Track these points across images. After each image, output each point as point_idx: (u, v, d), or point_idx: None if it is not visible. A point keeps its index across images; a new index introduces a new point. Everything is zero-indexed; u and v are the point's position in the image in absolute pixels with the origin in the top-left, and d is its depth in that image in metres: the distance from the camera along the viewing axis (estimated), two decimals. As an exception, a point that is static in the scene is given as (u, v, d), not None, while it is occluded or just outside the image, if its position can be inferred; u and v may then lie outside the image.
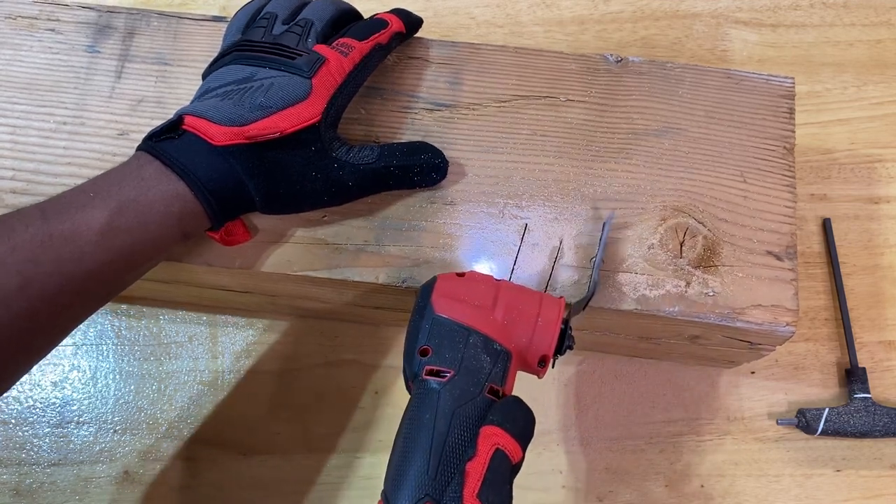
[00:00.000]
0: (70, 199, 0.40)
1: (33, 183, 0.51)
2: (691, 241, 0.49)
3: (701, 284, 0.48)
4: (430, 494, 0.35)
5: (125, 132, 0.53)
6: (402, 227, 0.50)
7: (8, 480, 0.58)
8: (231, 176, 0.43)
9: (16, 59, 0.56)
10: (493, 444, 0.36)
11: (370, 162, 0.47)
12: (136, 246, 0.41)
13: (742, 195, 0.51)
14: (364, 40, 0.49)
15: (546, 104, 0.54)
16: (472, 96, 0.54)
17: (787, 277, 0.49)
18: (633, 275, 0.48)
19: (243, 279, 0.52)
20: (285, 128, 0.44)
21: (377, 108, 0.53)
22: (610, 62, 0.55)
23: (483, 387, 0.38)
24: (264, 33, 0.48)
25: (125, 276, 0.43)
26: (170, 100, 0.54)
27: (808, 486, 0.58)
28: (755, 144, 0.53)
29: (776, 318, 0.48)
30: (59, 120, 0.54)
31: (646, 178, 0.51)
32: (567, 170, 0.52)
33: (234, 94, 0.45)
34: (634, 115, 0.53)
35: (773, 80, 0.55)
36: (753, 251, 0.49)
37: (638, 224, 0.50)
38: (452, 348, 0.39)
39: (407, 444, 0.37)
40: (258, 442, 0.59)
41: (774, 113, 0.54)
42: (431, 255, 0.49)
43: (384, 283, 0.49)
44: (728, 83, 0.55)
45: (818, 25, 0.73)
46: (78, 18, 0.57)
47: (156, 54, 0.56)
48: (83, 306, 0.42)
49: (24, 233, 0.38)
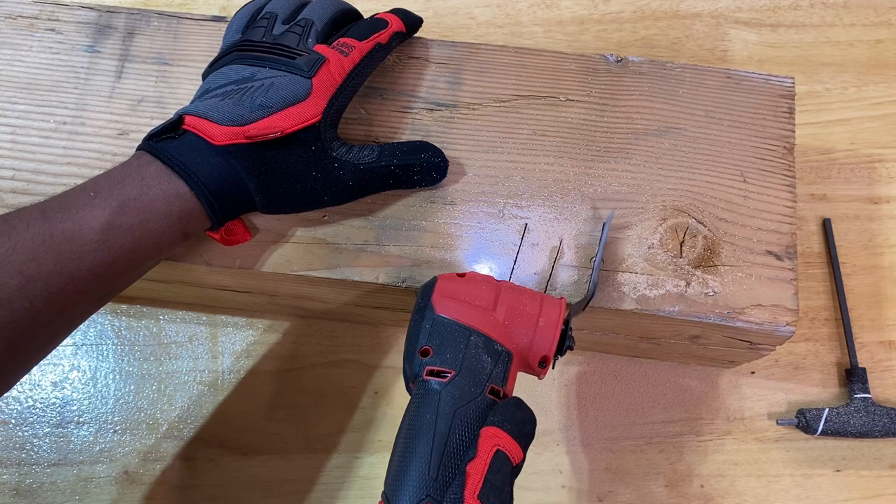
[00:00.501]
0: (71, 199, 0.40)
1: (33, 183, 0.51)
2: (691, 241, 0.49)
3: (701, 284, 0.48)
4: (430, 495, 0.35)
5: (125, 132, 0.53)
6: (402, 227, 0.50)
7: (8, 480, 0.58)
8: (231, 176, 0.43)
9: (16, 58, 0.56)
10: (493, 444, 0.36)
11: (370, 161, 0.47)
12: (136, 245, 0.41)
13: (742, 195, 0.51)
14: (364, 40, 0.49)
15: (546, 104, 0.54)
16: (472, 96, 0.54)
17: (787, 277, 0.49)
18: (633, 275, 0.48)
19: (243, 279, 0.52)
20: (285, 127, 0.44)
21: (377, 107, 0.53)
22: (610, 62, 0.55)
23: (484, 387, 0.38)
24: (264, 33, 0.48)
25: (126, 275, 0.43)
26: (170, 100, 0.54)
27: (808, 486, 0.58)
28: (755, 144, 0.53)
29: (776, 317, 0.48)
30: (59, 120, 0.54)
31: (646, 177, 0.51)
32: (567, 170, 0.52)
33: (234, 93, 0.45)
34: (634, 115, 0.53)
35: (773, 79, 0.55)
36: (753, 251, 0.49)
37: (638, 224, 0.50)
38: (453, 349, 0.39)
39: (407, 445, 0.37)
40: (258, 442, 0.59)
41: (774, 113, 0.54)
42: (431, 255, 0.49)
43: (384, 283, 0.48)
44: (728, 83, 0.55)
45: (818, 25, 0.73)
46: (78, 18, 0.57)
47: (156, 54, 0.56)
48: (84, 305, 0.42)
49: (25, 232, 0.38)
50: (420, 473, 0.36)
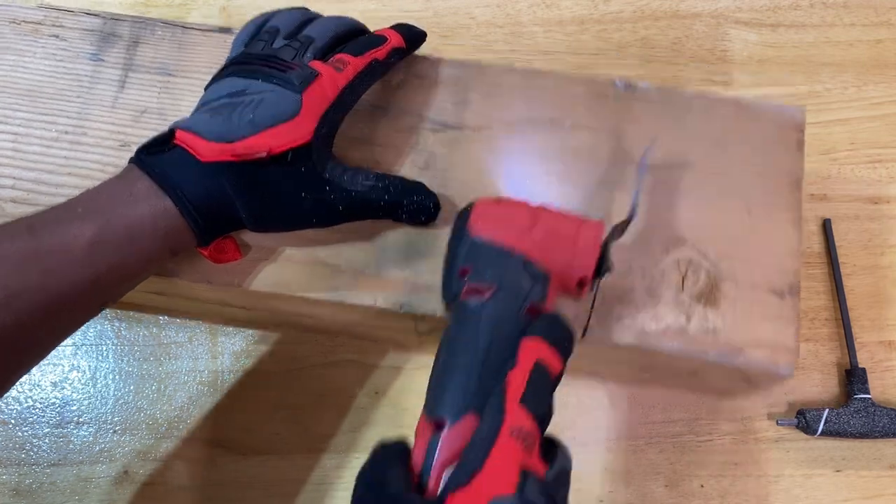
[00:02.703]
0: (58, 214, 0.40)
1: (34, 193, 0.51)
2: (694, 275, 0.48)
3: (702, 320, 0.47)
4: (472, 405, 0.35)
5: (127, 143, 0.52)
6: (403, 251, 0.49)
7: (8, 480, 0.58)
8: (218, 193, 0.43)
9: (19, 64, 0.55)
10: (534, 355, 0.36)
11: (362, 191, 0.46)
12: (123, 261, 0.41)
13: (747, 230, 0.49)
14: (359, 56, 0.48)
15: (552, 128, 0.52)
16: (478, 118, 0.53)
17: (788, 316, 0.47)
18: (634, 307, 0.47)
19: (243, 297, 0.51)
20: (274, 147, 0.43)
21: (381, 126, 0.52)
22: (618, 88, 0.53)
23: (523, 305, 0.38)
24: (264, 46, 0.47)
25: (113, 290, 0.42)
26: (172, 112, 0.53)
27: (808, 486, 0.58)
28: (763, 177, 0.51)
29: (776, 357, 0.47)
30: (60, 129, 0.53)
31: (650, 208, 0.50)
32: (570, 197, 0.50)
33: (225, 108, 0.44)
34: (641, 143, 0.51)
35: (784, 110, 0.53)
36: (756, 288, 0.48)
37: (640, 256, 0.49)
38: (492, 268, 0.39)
39: (447, 362, 0.37)
40: (258, 442, 0.59)
41: (784, 145, 0.52)
42: (432, 281, 0.47)
43: (382, 308, 0.48)
44: (738, 112, 0.53)
45: (818, 25, 0.73)
46: (82, 25, 0.56)
47: (160, 64, 0.55)
48: (70, 320, 0.41)
49: (11, 246, 0.38)
50: (461, 386, 0.35)
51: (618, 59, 0.72)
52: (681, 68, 0.71)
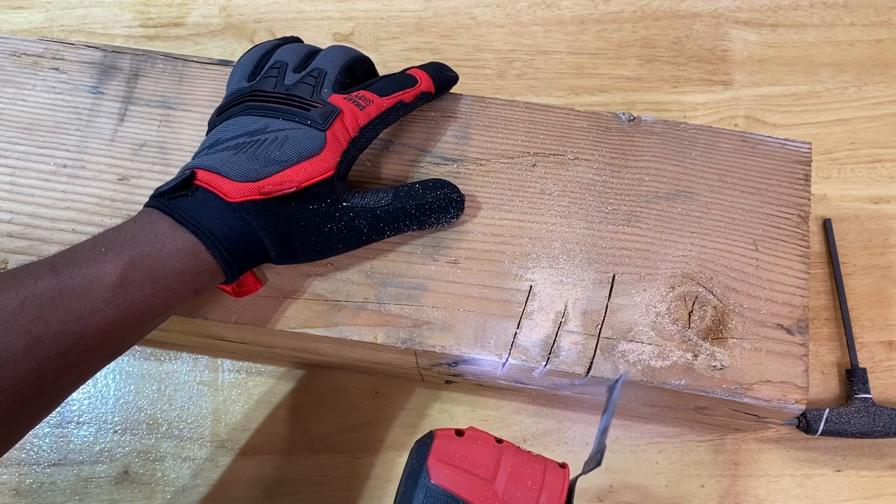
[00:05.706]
0: (81, 254, 0.39)
1: (31, 227, 0.50)
2: (700, 311, 0.48)
3: (709, 357, 0.46)
4: None
5: (125, 177, 0.52)
6: (404, 286, 0.48)
7: (8, 480, 0.58)
8: (246, 231, 0.42)
9: (19, 97, 0.54)
10: None
11: (386, 204, 0.46)
12: (147, 302, 0.40)
13: (754, 264, 0.49)
14: (386, 96, 0.47)
15: (554, 162, 0.52)
16: (480, 151, 0.52)
17: (797, 353, 0.47)
18: (639, 344, 0.47)
19: (239, 332, 0.51)
20: (300, 181, 0.43)
21: (383, 160, 0.52)
22: (622, 121, 0.53)
23: None
24: (276, 83, 0.47)
25: (134, 333, 0.41)
26: (172, 145, 0.53)
27: (808, 486, 0.58)
28: (769, 211, 0.51)
29: (785, 395, 0.46)
30: (59, 162, 0.52)
31: (655, 242, 0.50)
32: (574, 231, 0.50)
33: (247, 146, 0.43)
34: (645, 177, 0.52)
35: (790, 144, 0.53)
36: (764, 323, 0.47)
37: (645, 291, 0.48)
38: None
39: None
40: (258, 442, 0.59)
41: (790, 179, 0.52)
42: (433, 316, 0.48)
43: (383, 343, 0.47)
44: (743, 146, 0.53)
45: (818, 25, 0.73)
46: (83, 58, 0.56)
47: (160, 97, 0.54)
48: (91, 364, 0.40)
49: (34, 287, 0.36)
50: None
51: (618, 59, 0.72)
52: (681, 68, 0.71)
